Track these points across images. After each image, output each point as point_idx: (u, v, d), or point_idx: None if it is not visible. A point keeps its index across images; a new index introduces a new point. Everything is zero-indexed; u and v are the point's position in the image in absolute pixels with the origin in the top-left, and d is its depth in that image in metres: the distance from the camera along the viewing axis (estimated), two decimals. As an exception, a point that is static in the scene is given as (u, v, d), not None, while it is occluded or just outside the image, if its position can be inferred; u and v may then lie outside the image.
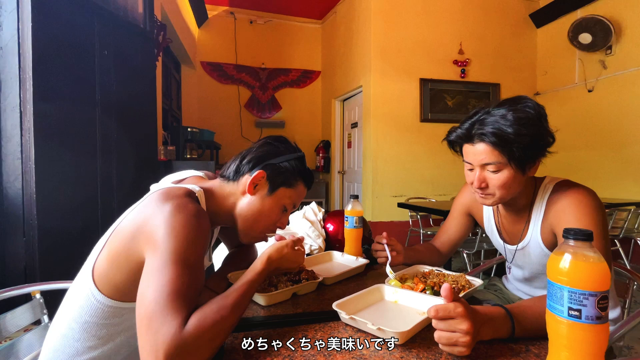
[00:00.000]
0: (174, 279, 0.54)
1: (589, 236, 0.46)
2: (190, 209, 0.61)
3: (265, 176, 0.75)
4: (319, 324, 0.67)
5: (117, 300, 0.65)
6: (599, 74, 3.57)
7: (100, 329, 0.66)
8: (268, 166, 0.76)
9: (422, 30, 3.84)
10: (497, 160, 0.78)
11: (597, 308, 0.44)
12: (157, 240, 0.57)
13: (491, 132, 0.76)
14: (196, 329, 0.51)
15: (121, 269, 0.63)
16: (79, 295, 0.67)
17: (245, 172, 0.76)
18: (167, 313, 0.51)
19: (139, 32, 2.31)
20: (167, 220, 0.58)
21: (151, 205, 0.62)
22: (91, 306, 0.65)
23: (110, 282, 0.65)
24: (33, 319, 0.89)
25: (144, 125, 2.38)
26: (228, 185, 0.77)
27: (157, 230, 0.58)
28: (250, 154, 0.77)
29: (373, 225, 3.66)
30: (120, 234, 0.64)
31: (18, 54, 1.58)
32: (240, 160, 0.77)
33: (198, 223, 0.60)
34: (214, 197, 0.76)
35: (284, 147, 0.80)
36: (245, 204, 0.75)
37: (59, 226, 1.67)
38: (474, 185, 0.83)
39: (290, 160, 0.78)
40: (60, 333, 0.67)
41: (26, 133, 1.59)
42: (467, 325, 0.53)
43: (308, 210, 1.30)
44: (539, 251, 0.88)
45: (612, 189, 3.45)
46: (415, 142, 3.84)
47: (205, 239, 0.62)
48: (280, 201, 0.77)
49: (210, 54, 4.81)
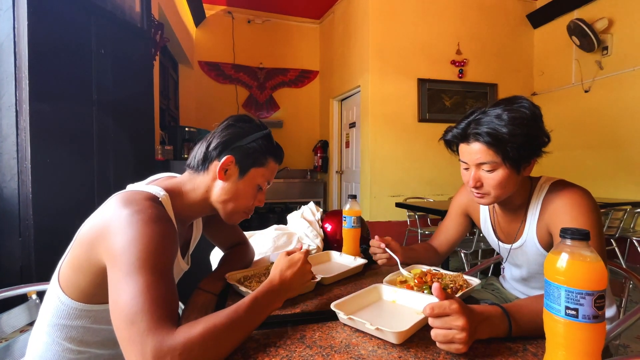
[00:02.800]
0: (145, 287, 0.51)
1: (586, 235, 0.46)
2: (150, 213, 0.58)
3: (234, 160, 0.73)
4: (317, 324, 0.67)
5: (83, 302, 0.64)
6: (595, 75, 3.59)
7: (70, 331, 0.65)
8: (235, 149, 0.73)
9: (419, 30, 3.84)
10: (492, 160, 0.78)
11: (594, 307, 0.44)
12: (117, 248, 0.54)
13: (486, 132, 0.76)
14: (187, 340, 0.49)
15: (85, 274, 0.62)
16: (49, 299, 0.67)
17: (214, 158, 0.73)
18: (148, 322, 0.49)
19: (136, 31, 2.30)
20: (126, 226, 0.56)
21: (109, 211, 0.60)
22: (58, 309, 0.65)
23: (75, 286, 0.64)
24: (29, 320, 0.88)
25: (141, 124, 2.36)
26: (198, 176, 0.75)
27: (116, 237, 0.55)
28: (215, 139, 0.74)
29: (371, 225, 3.67)
30: (81, 241, 0.62)
31: (14, 53, 1.56)
32: (206, 147, 0.74)
33: (159, 228, 0.57)
34: (185, 193, 0.74)
35: (249, 126, 0.77)
36: (219, 190, 0.74)
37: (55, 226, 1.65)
38: (470, 185, 0.83)
39: (257, 140, 0.75)
40: (38, 339, 0.67)
41: (22, 132, 1.58)
42: (463, 322, 0.53)
43: (306, 210, 1.30)
44: (535, 250, 0.89)
45: (608, 189, 3.47)
46: (413, 142, 3.84)
47: (170, 244, 0.59)
48: (253, 181, 0.76)
49: (208, 54, 4.80)
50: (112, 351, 0.70)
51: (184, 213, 0.74)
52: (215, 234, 0.97)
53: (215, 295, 0.80)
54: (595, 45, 3.45)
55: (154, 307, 0.50)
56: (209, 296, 0.79)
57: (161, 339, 0.48)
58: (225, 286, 0.84)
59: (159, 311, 0.50)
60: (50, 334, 0.65)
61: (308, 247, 0.78)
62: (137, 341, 0.48)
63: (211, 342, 0.51)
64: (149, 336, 0.48)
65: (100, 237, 0.58)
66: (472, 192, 0.85)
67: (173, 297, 0.54)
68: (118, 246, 0.55)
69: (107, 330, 0.66)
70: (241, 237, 1.02)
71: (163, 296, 0.52)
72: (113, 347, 0.69)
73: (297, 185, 4.66)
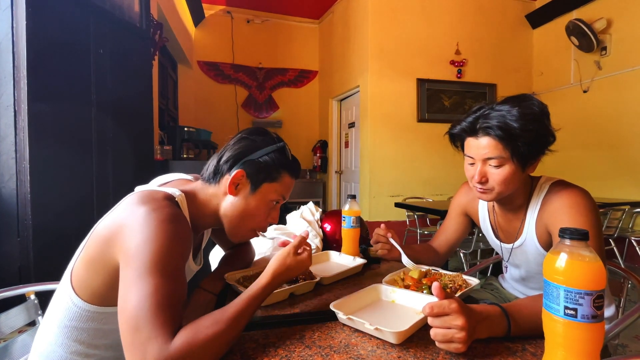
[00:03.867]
0: (154, 290, 0.51)
1: (585, 235, 0.46)
2: (167, 213, 0.58)
3: (245, 174, 0.71)
4: (316, 324, 0.67)
5: (95, 305, 0.64)
6: (594, 75, 3.60)
7: (81, 333, 0.65)
8: (247, 163, 0.71)
9: (419, 30, 3.85)
10: (500, 155, 0.78)
11: (593, 307, 0.44)
12: (131, 247, 0.54)
13: (497, 126, 0.76)
14: (185, 345, 0.49)
15: (98, 274, 0.62)
16: (60, 299, 0.66)
17: (225, 172, 0.71)
18: (151, 329, 0.49)
19: (135, 31, 2.30)
20: (142, 225, 0.55)
21: (127, 209, 0.60)
22: (69, 310, 0.64)
23: (88, 286, 0.63)
24: (27, 320, 0.88)
25: (140, 124, 2.36)
26: (210, 187, 0.73)
27: (131, 236, 0.55)
28: (227, 152, 0.73)
29: (370, 225, 3.66)
30: (96, 239, 0.62)
31: (12, 53, 1.56)
32: (218, 160, 0.73)
33: (175, 228, 0.57)
34: (197, 200, 0.72)
35: (262, 139, 0.74)
36: (229, 205, 0.72)
37: (53, 226, 1.65)
38: (474, 180, 0.82)
39: (270, 153, 0.72)
40: (45, 339, 0.66)
41: (20, 132, 1.57)
42: (462, 321, 0.54)
43: (305, 210, 1.30)
44: (534, 250, 0.89)
45: (606, 189, 3.48)
46: (412, 142, 3.85)
47: (184, 244, 0.59)
48: (266, 197, 0.73)
49: (207, 54, 4.79)
50: (119, 353, 0.69)
51: (196, 221, 0.73)
52: (219, 233, 0.97)
53: (216, 295, 0.80)
54: (594, 46, 3.45)
55: (159, 312, 0.50)
56: (210, 296, 0.79)
57: (161, 347, 0.48)
58: (225, 286, 0.84)
59: (163, 316, 0.50)
60: (58, 335, 0.65)
61: (304, 234, 0.75)
62: (139, 348, 0.49)
63: (212, 349, 0.51)
64: (150, 344, 0.48)
65: (116, 234, 0.58)
66: (476, 187, 0.84)
67: (180, 300, 0.55)
68: (133, 245, 0.55)
69: (117, 332, 0.66)
70: None
71: (170, 300, 0.52)
72: (120, 350, 0.69)
73: (297, 185, 4.58)
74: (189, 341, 0.49)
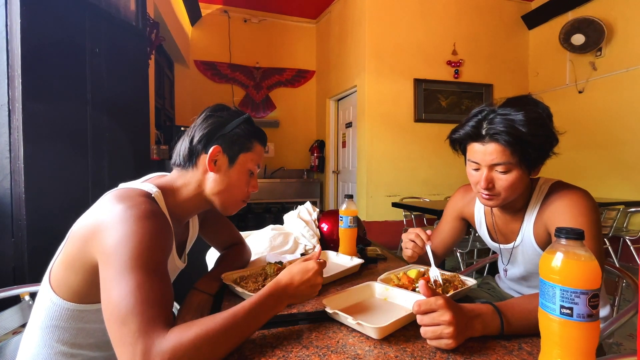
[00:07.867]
0: (137, 286, 0.50)
1: (580, 235, 0.46)
2: (144, 209, 0.57)
3: (221, 150, 0.73)
4: (313, 324, 0.67)
5: (74, 302, 0.63)
6: (589, 76, 3.63)
7: (63, 333, 0.64)
8: (220, 138, 0.73)
9: (416, 30, 3.86)
10: (508, 161, 0.76)
11: (589, 306, 0.45)
12: (110, 245, 0.54)
13: (505, 131, 0.73)
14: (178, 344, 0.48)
15: (77, 273, 0.61)
16: (41, 301, 0.66)
17: (200, 151, 0.73)
18: (139, 323, 0.48)
19: (131, 29, 2.28)
20: (119, 223, 0.55)
21: (103, 207, 0.60)
22: (49, 310, 0.64)
23: (66, 285, 0.63)
24: (22, 322, 0.87)
25: (137, 124, 2.34)
26: (187, 172, 0.74)
27: (108, 234, 0.55)
28: (197, 132, 0.73)
29: (367, 225, 3.67)
30: (73, 239, 0.61)
31: (6, 51, 1.54)
32: (189, 142, 0.73)
33: (153, 224, 0.57)
34: (176, 189, 0.73)
35: (227, 114, 0.77)
36: (213, 182, 0.73)
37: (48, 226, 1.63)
38: (480, 186, 0.80)
39: (240, 125, 0.75)
40: (30, 341, 0.66)
41: (15, 131, 1.56)
42: (449, 316, 0.54)
43: (302, 210, 1.30)
44: (532, 250, 0.89)
45: (601, 189, 3.51)
46: (409, 142, 3.86)
47: (164, 240, 0.59)
48: (244, 167, 0.76)
49: (204, 53, 4.77)
50: (106, 353, 0.68)
51: (178, 211, 0.74)
52: (211, 234, 0.96)
53: (211, 296, 0.80)
54: (589, 47, 3.48)
55: (146, 308, 0.49)
56: (205, 296, 0.78)
57: (151, 342, 0.47)
58: (221, 286, 0.84)
59: (151, 312, 0.50)
60: (41, 336, 0.64)
61: (324, 261, 0.73)
62: (128, 342, 0.48)
63: (204, 347, 0.50)
64: (140, 338, 0.48)
65: (93, 233, 0.57)
66: (481, 192, 0.81)
67: (166, 296, 0.53)
68: (111, 243, 0.54)
69: (100, 331, 0.65)
70: (237, 237, 1.01)
71: (155, 296, 0.51)
72: (107, 349, 0.68)
73: (294, 185, 4.66)
74: (181, 340, 0.49)
